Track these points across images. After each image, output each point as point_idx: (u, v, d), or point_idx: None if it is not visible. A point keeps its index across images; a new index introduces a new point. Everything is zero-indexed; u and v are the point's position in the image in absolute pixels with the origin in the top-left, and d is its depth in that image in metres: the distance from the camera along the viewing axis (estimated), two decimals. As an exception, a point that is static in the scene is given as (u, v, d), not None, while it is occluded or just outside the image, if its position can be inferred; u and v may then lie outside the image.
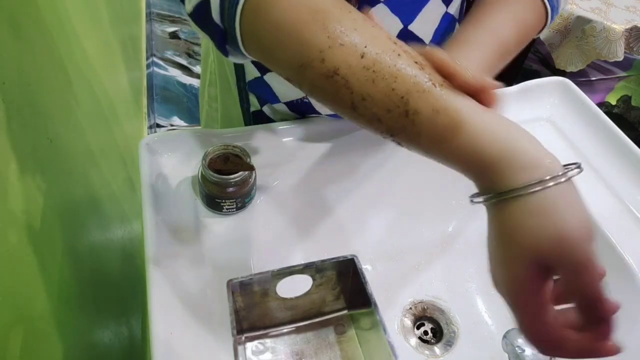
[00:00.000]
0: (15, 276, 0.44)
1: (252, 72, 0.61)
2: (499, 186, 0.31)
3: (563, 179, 0.30)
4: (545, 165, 0.31)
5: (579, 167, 0.31)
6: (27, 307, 0.46)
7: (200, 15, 0.40)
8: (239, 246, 0.53)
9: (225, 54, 0.42)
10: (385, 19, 0.53)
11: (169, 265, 0.50)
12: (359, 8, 0.51)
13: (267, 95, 0.62)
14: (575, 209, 0.30)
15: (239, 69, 0.61)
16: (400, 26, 0.54)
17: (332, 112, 0.62)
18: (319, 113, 0.62)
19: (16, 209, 0.46)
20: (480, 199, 0.33)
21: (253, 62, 0.59)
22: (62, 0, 0.72)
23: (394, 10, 0.52)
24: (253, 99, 0.65)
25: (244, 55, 0.40)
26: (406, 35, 0.55)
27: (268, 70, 0.59)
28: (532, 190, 0.30)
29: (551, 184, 0.30)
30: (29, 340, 0.45)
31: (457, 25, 0.60)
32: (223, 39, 0.40)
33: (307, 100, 0.60)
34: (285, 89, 0.60)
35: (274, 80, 0.60)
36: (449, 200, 0.65)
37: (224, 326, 0.46)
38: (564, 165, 0.32)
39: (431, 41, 0.57)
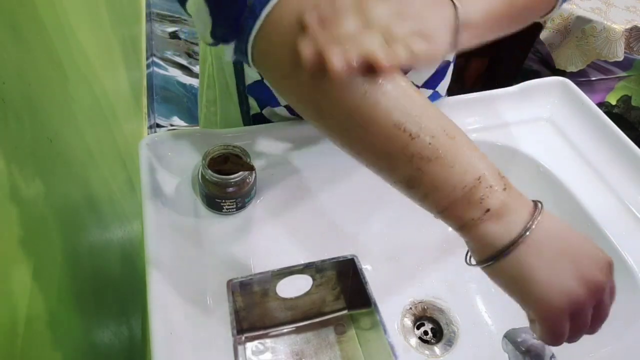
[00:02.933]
0: (14, 276, 0.44)
1: (252, 76, 0.60)
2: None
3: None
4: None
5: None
6: (27, 307, 0.46)
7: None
8: (239, 246, 0.53)
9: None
10: None
11: (169, 265, 0.50)
12: None
13: (267, 98, 0.62)
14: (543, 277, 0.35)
15: (239, 72, 0.61)
16: None
17: None
18: None
19: (16, 208, 0.46)
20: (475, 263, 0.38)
21: None
22: (61, 0, 0.72)
23: None
24: (252, 102, 0.65)
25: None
26: None
27: None
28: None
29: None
30: (29, 340, 0.45)
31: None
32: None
33: None
34: None
35: None
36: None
37: (224, 326, 0.46)
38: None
39: None
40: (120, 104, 1.14)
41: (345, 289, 0.51)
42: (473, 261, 0.38)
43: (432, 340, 0.59)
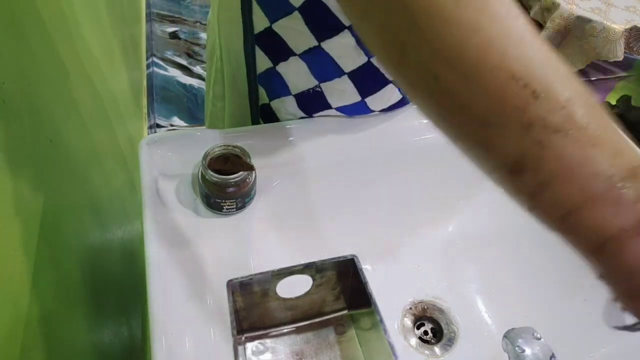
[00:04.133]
0: (15, 276, 0.44)
1: (263, 64, 0.60)
2: None
3: None
4: None
5: None
6: (27, 307, 0.46)
7: None
8: (239, 246, 0.53)
9: None
10: (351, 52, 0.54)
11: (169, 265, 0.50)
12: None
13: (278, 87, 0.62)
14: None
15: (250, 62, 0.61)
16: (365, 59, 0.55)
17: (340, 106, 0.62)
18: (330, 106, 0.62)
19: (16, 209, 0.46)
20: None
21: (265, 53, 0.59)
22: (62, 0, 0.72)
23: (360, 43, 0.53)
24: (262, 92, 0.65)
25: None
26: (369, 68, 0.56)
27: (280, 61, 0.59)
28: None
29: None
30: (29, 340, 0.45)
31: None
32: None
33: (319, 90, 0.60)
34: (296, 80, 0.60)
35: (286, 71, 0.60)
36: (449, 200, 0.65)
37: (224, 326, 0.46)
38: None
39: None
40: (121, 104, 1.14)
41: (345, 289, 0.51)
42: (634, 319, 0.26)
43: (432, 340, 0.59)
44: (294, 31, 0.55)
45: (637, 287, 0.24)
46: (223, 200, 0.53)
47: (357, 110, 0.63)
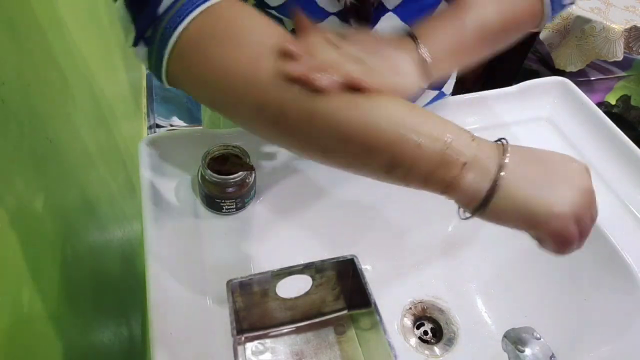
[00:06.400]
0: (15, 276, 0.44)
1: None
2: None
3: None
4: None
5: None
6: (27, 307, 0.46)
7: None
8: (239, 246, 0.53)
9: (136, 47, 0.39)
10: (395, 28, 0.53)
11: (169, 266, 0.50)
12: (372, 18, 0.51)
13: None
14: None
15: None
16: None
17: None
18: None
19: (16, 209, 0.46)
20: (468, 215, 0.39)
21: None
22: (61, 0, 0.72)
23: (404, 18, 0.53)
24: None
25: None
26: None
27: None
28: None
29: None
30: (29, 340, 0.45)
31: None
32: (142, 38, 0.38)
33: None
34: None
35: None
36: (449, 200, 0.65)
37: (224, 326, 0.46)
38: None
39: None
40: (120, 104, 1.14)
41: (345, 289, 0.51)
42: (467, 214, 0.39)
43: (432, 340, 0.59)
44: None
45: (467, 197, 0.37)
46: (223, 201, 0.53)
47: None
